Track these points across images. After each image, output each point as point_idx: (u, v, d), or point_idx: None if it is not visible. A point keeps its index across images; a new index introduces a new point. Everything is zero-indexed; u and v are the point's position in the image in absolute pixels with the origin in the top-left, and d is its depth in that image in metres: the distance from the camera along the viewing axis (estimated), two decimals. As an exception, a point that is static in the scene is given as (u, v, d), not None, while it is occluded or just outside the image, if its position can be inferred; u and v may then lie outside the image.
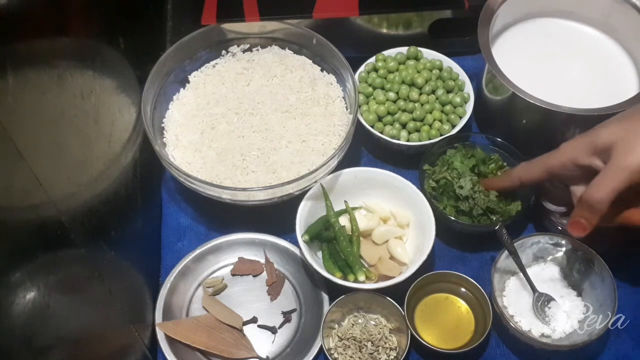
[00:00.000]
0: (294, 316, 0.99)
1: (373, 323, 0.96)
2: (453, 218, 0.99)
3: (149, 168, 1.03)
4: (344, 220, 1.01)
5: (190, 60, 1.11)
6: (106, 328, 0.83)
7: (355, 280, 0.95)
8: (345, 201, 1.02)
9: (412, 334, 0.92)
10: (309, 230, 0.97)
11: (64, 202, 0.69)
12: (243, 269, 1.02)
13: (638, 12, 1.04)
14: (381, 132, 1.07)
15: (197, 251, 1.02)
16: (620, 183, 0.81)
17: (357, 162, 1.11)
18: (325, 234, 0.99)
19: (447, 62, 1.12)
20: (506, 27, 1.11)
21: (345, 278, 0.95)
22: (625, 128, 0.83)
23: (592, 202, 0.83)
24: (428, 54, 1.13)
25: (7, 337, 0.59)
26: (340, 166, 1.02)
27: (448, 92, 1.10)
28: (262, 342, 0.97)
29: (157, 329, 0.95)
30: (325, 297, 0.98)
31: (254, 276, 1.02)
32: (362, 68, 1.13)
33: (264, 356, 0.96)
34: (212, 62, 1.12)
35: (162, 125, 1.07)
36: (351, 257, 0.97)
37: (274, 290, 1.01)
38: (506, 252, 0.96)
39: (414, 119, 1.08)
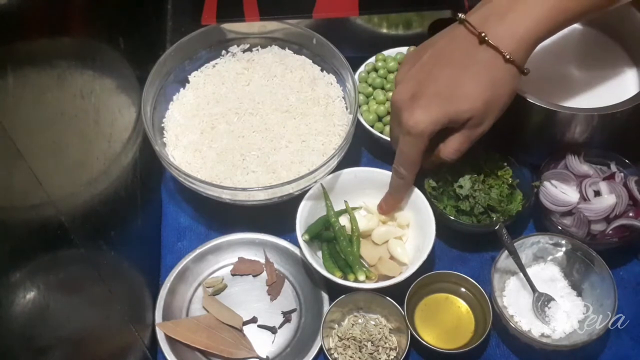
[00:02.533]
0: (294, 316, 0.99)
1: (373, 323, 0.96)
2: (453, 218, 0.99)
3: (148, 168, 1.03)
4: (344, 220, 1.01)
5: (190, 60, 1.11)
6: (106, 328, 0.83)
7: (356, 280, 0.95)
8: (345, 201, 1.02)
9: (412, 334, 0.92)
10: (309, 230, 0.97)
11: (63, 202, 0.69)
12: (243, 269, 1.02)
13: (638, 12, 1.04)
14: (381, 132, 1.07)
15: (197, 251, 1.02)
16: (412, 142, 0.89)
17: (357, 162, 1.11)
18: (325, 234, 0.99)
19: (447, 62, 1.12)
20: (506, 27, 1.11)
21: (345, 278, 0.95)
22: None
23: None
24: (428, 54, 1.13)
25: (7, 337, 0.59)
26: (340, 166, 1.02)
27: (448, 92, 1.09)
28: (262, 342, 0.97)
29: (157, 329, 0.95)
30: (325, 297, 0.98)
31: (254, 276, 1.02)
32: (362, 68, 1.13)
33: (264, 356, 0.96)
34: (212, 62, 1.12)
35: (162, 125, 1.07)
36: (351, 257, 0.97)
37: (273, 290, 1.01)
38: (506, 252, 0.96)
39: (414, 119, 1.08)
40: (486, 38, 0.84)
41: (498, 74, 0.85)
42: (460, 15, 0.88)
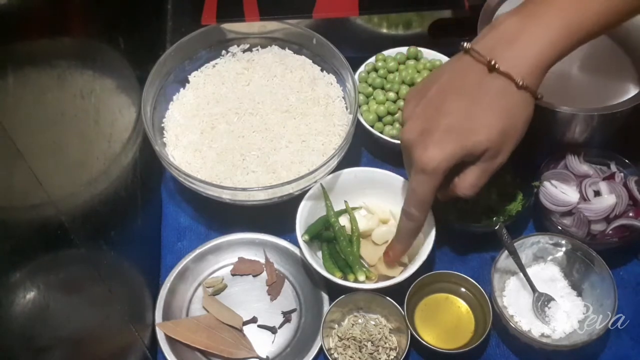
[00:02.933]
0: (294, 316, 0.99)
1: (373, 323, 0.96)
2: (453, 218, 0.99)
3: (149, 168, 1.03)
4: (343, 221, 1.01)
5: (190, 60, 1.11)
6: (106, 328, 0.83)
7: (355, 280, 0.95)
8: (345, 201, 1.02)
9: (412, 334, 0.92)
10: (309, 230, 0.97)
11: (64, 202, 0.69)
12: (243, 269, 1.02)
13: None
14: (381, 132, 1.07)
15: (197, 251, 1.02)
16: (429, 182, 0.84)
17: (357, 162, 1.11)
18: (325, 234, 0.99)
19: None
20: (506, 27, 1.11)
21: (345, 278, 0.95)
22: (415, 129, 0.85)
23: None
24: (428, 54, 1.14)
25: (7, 337, 0.59)
26: (340, 166, 1.02)
27: (448, 92, 1.09)
28: (262, 342, 0.97)
29: (157, 329, 0.95)
30: (325, 297, 0.98)
31: (254, 276, 1.02)
32: (362, 68, 1.13)
33: (263, 356, 0.96)
34: (212, 62, 1.12)
35: (162, 125, 1.07)
36: (351, 257, 0.97)
37: (273, 290, 1.01)
38: (506, 252, 0.96)
39: (414, 119, 1.08)
40: (496, 65, 0.80)
41: (511, 101, 0.82)
42: (465, 44, 0.84)
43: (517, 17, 0.82)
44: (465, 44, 0.84)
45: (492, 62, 0.81)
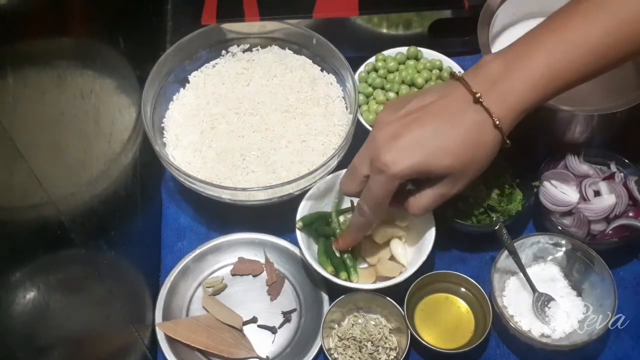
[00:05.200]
0: (294, 316, 0.99)
1: (373, 323, 0.96)
2: (453, 218, 0.99)
3: (148, 168, 1.03)
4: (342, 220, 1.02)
5: (190, 60, 1.11)
6: (106, 328, 0.84)
7: (347, 279, 0.95)
8: (352, 200, 1.02)
9: (412, 334, 0.92)
10: (304, 219, 0.97)
11: (64, 202, 0.69)
12: (243, 269, 1.02)
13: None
14: (381, 132, 1.06)
15: (197, 251, 1.02)
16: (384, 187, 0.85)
17: (357, 162, 1.10)
18: (323, 229, 0.99)
19: (447, 62, 1.12)
20: (506, 27, 1.11)
21: (336, 275, 0.95)
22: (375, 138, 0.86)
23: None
24: (428, 54, 1.13)
25: (7, 337, 0.59)
26: (340, 166, 1.02)
27: (448, 92, 1.09)
28: (262, 342, 0.97)
29: (157, 329, 0.95)
30: (325, 297, 0.98)
31: (254, 276, 1.02)
32: (362, 68, 1.13)
33: (263, 356, 0.96)
34: (212, 62, 1.12)
35: (162, 125, 1.07)
36: (347, 258, 0.97)
37: (273, 290, 1.01)
38: (506, 252, 0.96)
39: (414, 119, 1.08)
40: (480, 99, 0.82)
41: (484, 137, 0.83)
42: (457, 73, 0.88)
43: (502, 59, 0.84)
44: (457, 73, 0.87)
45: (478, 95, 0.82)
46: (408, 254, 1.00)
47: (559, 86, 0.83)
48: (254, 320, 0.99)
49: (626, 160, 1.01)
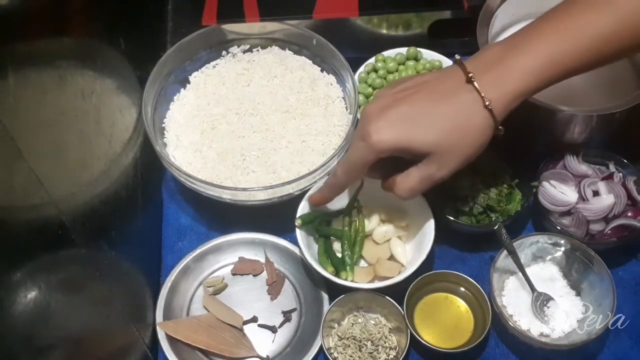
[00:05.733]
0: (294, 315, 0.99)
1: (373, 322, 0.97)
2: (452, 218, 0.99)
3: (149, 168, 1.03)
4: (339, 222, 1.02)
5: (191, 60, 1.11)
6: (107, 328, 0.84)
7: (347, 278, 0.96)
8: (358, 200, 1.02)
9: (411, 334, 0.92)
10: (302, 217, 0.97)
11: (64, 202, 0.69)
12: (243, 268, 1.02)
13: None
14: (381, 132, 1.07)
15: (198, 251, 1.02)
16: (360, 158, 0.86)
17: (357, 162, 1.11)
18: (323, 229, 0.99)
19: (447, 62, 1.12)
20: (506, 28, 1.11)
21: (337, 274, 0.96)
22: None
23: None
24: (427, 54, 1.14)
25: (8, 337, 0.60)
26: (340, 166, 1.02)
27: (448, 92, 1.10)
28: (262, 342, 0.97)
29: (158, 329, 0.95)
30: (325, 296, 0.98)
31: (254, 276, 1.03)
32: (362, 68, 1.13)
33: (264, 355, 0.96)
34: (213, 63, 1.12)
35: (163, 125, 1.07)
36: (348, 259, 0.97)
37: (274, 289, 1.01)
38: (505, 251, 0.96)
39: (413, 119, 1.08)
40: (473, 79, 0.82)
41: (473, 119, 0.82)
42: (456, 56, 0.88)
43: (501, 45, 0.84)
44: (456, 56, 0.87)
45: (471, 75, 0.82)
46: (407, 253, 1.00)
47: (556, 74, 0.83)
48: (254, 319, 0.99)
49: (625, 161, 1.02)
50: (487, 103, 0.81)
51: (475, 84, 0.82)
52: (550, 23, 0.83)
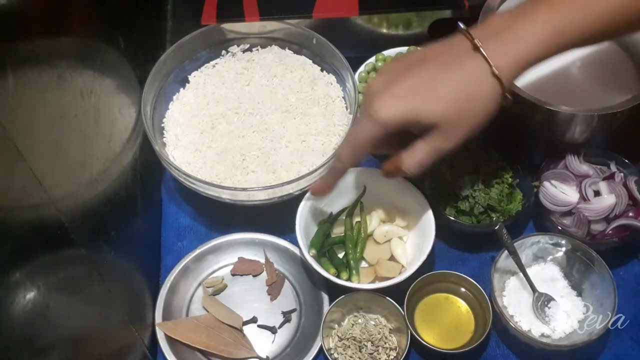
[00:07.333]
0: (294, 316, 0.99)
1: (373, 323, 0.96)
2: (453, 218, 0.99)
3: (149, 168, 1.03)
4: (340, 223, 1.02)
5: (190, 60, 1.11)
6: (106, 328, 0.84)
7: (349, 280, 0.96)
8: (361, 202, 1.02)
9: (412, 334, 0.92)
10: (313, 244, 0.97)
11: (64, 202, 0.69)
12: (243, 268, 1.02)
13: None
14: (381, 132, 1.06)
15: (197, 251, 1.02)
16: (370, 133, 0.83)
17: (357, 162, 1.11)
18: (330, 241, 1.00)
19: (447, 62, 1.12)
20: (506, 27, 1.11)
21: (338, 276, 0.95)
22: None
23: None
24: (428, 54, 1.13)
25: (7, 337, 0.60)
26: (340, 166, 1.02)
27: (448, 92, 1.09)
28: (262, 342, 0.97)
29: (157, 329, 0.95)
30: (325, 297, 0.98)
31: (254, 276, 1.02)
32: (362, 68, 1.13)
33: (263, 356, 0.96)
34: (212, 62, 1.12)
35: (162, 125, 1.07)
36: (352, 261, 0.97)
37: (273, 290, 1.01)
38: (506, 252, 0.96)
39: (413, 119, 1.08)
40: (480, 46, 0.80)
41: (480, 87, 0.81)
42: (461, 25, 0.85)
43: (509, 14, 0.83)
44: (462, 25, 0.84)
45: (478, 43, 0.80)
46: (408, 254, 1.00)
47: (563, 43, 0.81)
48: (254, 320, 0.99)
49: (626, 160, 1.01)
50: (495, 71, 0.80)
51: (483, 51, 0.80)
52: None
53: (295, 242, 0.98)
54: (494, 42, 0.81)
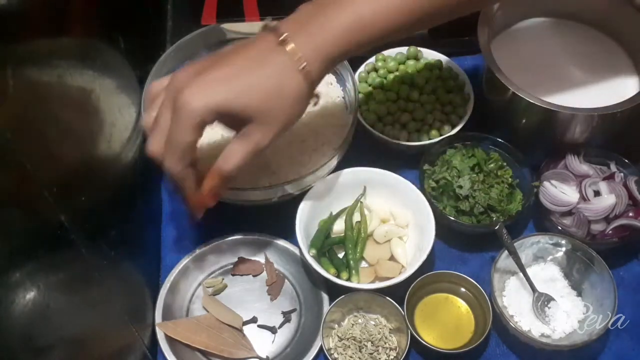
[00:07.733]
0: (294, 316, 0.99)
1: (373, 323, 0.96)
2: (453, 218, 0.99)
3: (149, 168, 1.03)
4: (340, 223, 1.02)
5: (190, 60, 1.10)
6: (106, 328, 0.84)
7: (349, 280, 0.96)
8: (361, 202, 1.02)
9: (412, 334, 0.92)
10: (313, 244, 0.98)
11: (64, 202, 0.69)
12: (243, 269, 1.02)
13: (638, 12, 1.04)
14: (381, 132, 1.07)
15: (197, 251, 1.02)
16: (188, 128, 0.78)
17: (357, 162, 1.10)
18: (330, 241, 1.00)
19: (447, 62, 1.12)
20: (506, 27, 1.11)
21: (338, 276, 0.95)
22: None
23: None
24: (428, 53, 1.14)
25: (7, 337, 0.60)
26: (340, 166, 1.02)
27: (448, 92, 1.10)
28: (262, 342, 0.97)
29: (157, 329, 0.95)
30: (325, 297, 0.98)
31: (254, 276, 1.02)
32: (362, 68, 1.13)
33: (263, 356, 0.96)
34: (212, 62, 1.12)
35: (162, 125, 1.07)
36: (352, 261, 0.97)
37: (273, 290, 1.01)
38: (506, 252, 0.96)
39: (414, 119, 1.08)
40: (285, 40, 0.78)
41: (288, 81, 0.78)
42: (267, 21, 0.83)
43: (313, 5, 0.81)
44: (267, 21, 0.83)
45: (283, 36, 0.79)
46: (408, 254, 1.00)
47: (368, 36, 0.80)
48: (254, 320, 0.99)
49: (626, 160, 1.02)
50: (301, 66, 0.78)
51: (288, 46, 0.78)
52: None
53: (295, 242, 0.98)
54: (299, 35, 0.79)
